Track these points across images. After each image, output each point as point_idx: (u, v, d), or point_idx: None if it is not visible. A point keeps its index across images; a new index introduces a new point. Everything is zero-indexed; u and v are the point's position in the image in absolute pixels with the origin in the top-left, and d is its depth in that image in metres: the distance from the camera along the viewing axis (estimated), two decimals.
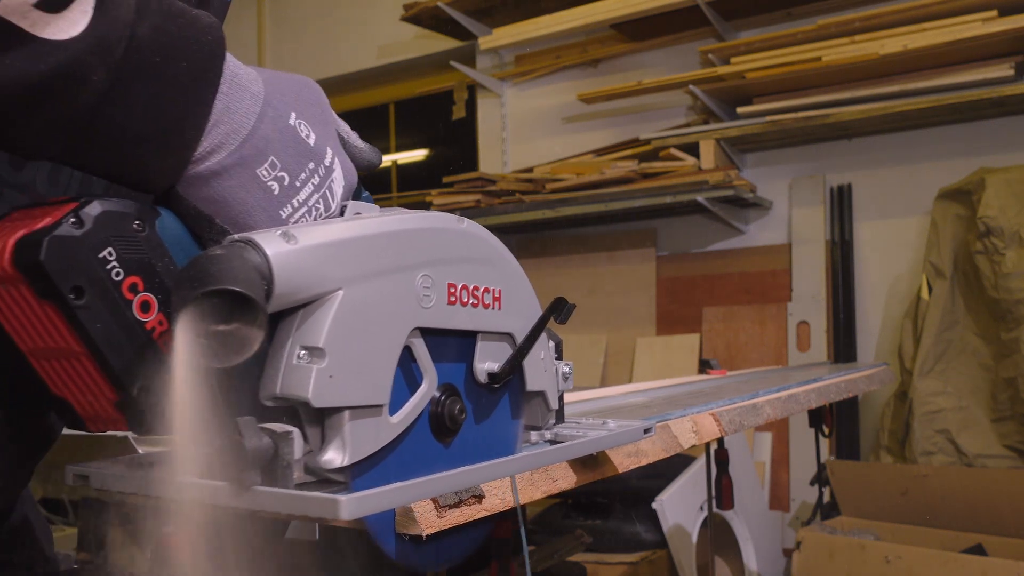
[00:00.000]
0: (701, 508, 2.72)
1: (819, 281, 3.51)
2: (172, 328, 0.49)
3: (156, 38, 0.50)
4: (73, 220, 0.49)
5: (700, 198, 3.33)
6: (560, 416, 0.77)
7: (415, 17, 4.19)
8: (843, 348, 3.43)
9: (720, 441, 1.86)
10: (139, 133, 0.51)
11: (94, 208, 0.50)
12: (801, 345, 3.51)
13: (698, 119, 3.68)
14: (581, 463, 0.81)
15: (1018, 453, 2.90)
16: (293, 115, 0.59)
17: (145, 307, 0.52)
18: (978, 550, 2.50)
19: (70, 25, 0.47)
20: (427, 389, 0.62)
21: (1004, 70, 2.92)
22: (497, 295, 0.67)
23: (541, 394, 0.74)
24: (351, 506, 0.51)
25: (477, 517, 0.67)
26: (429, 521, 0.61)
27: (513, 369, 0.68)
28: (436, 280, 0.61)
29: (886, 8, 3.15)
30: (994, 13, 2.91)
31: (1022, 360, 2.83)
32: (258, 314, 0.48)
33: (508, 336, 0.69)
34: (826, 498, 2.94)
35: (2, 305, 0.52)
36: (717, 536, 2.80)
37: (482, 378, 0.67)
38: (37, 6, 0.46)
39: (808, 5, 3.47)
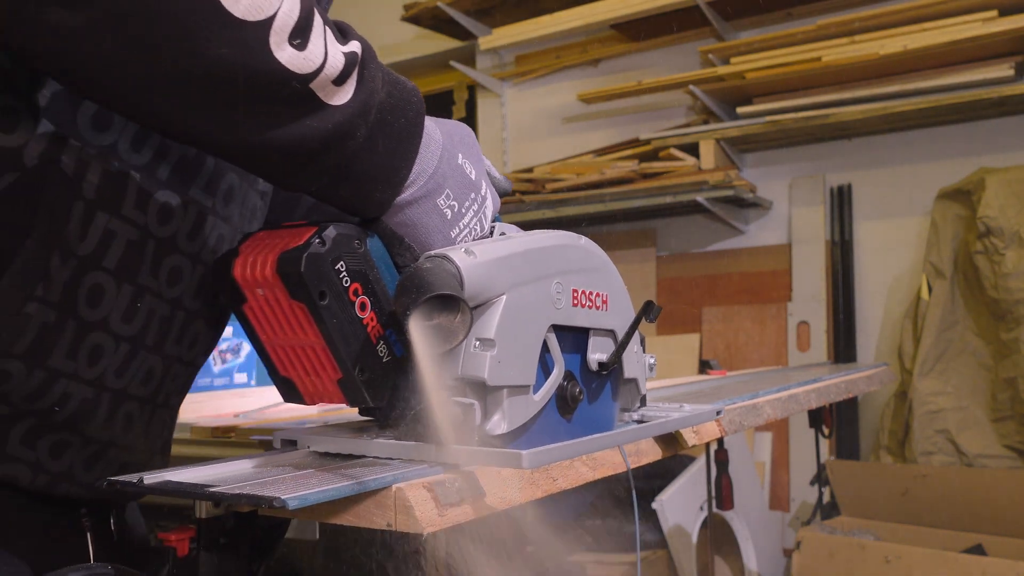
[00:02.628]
0: (701, 508, 2.72)
1: (819, 281, 3.51)
2: (403, 324, 0.63)
3: (390, 101, 0.65)
4: (318, 240, 0.64)
5: (700, 198, 3.33)
6: (644, 400, 0.91)
7: (415, 17, 4.19)
8: (843, 348, 3.43)
9: (720, 441, 1.86)
10: (375, 174, 0.65)
11: (331, 231, 0.64)
12: (801, 345, 3.51)
13: (698, 119, 3.68)
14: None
15: (1018, 453, 2.90)
16: (460, 155, 0.72)
17: (363, 307, 0.66)
18: (978, 550, 2.50)
19: (344, 94, 0.61)
20: (557, 374, 0.75)
21: (1004, 70, 2.92)
22: (605, 298, 0.81)
23: (634, 381, 0.87)
24: (531, 458, 0.64)
25: (477, 516, 0.67)
26: (430, 520, 0.61)
27: (617, 359, 0.81)
28: (564, 286, 0.75)
29: (886, 8, 3.15)
30: (994, 13, 2.91)
31: (1022, 360, 2.83)
32: (466, 310, 0.64)
33: (611, 332, 0.82)
34: (826, 498, 2.94)
35: (256, 305, 0.66)
36: (717, 536, 2.80)
37: (593, 366, 0.81)
38: (334, 81, 0.59)
39: (808, 5, 3.46)
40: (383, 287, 0.68)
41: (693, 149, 3.46)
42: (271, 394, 1.79)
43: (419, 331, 0.63)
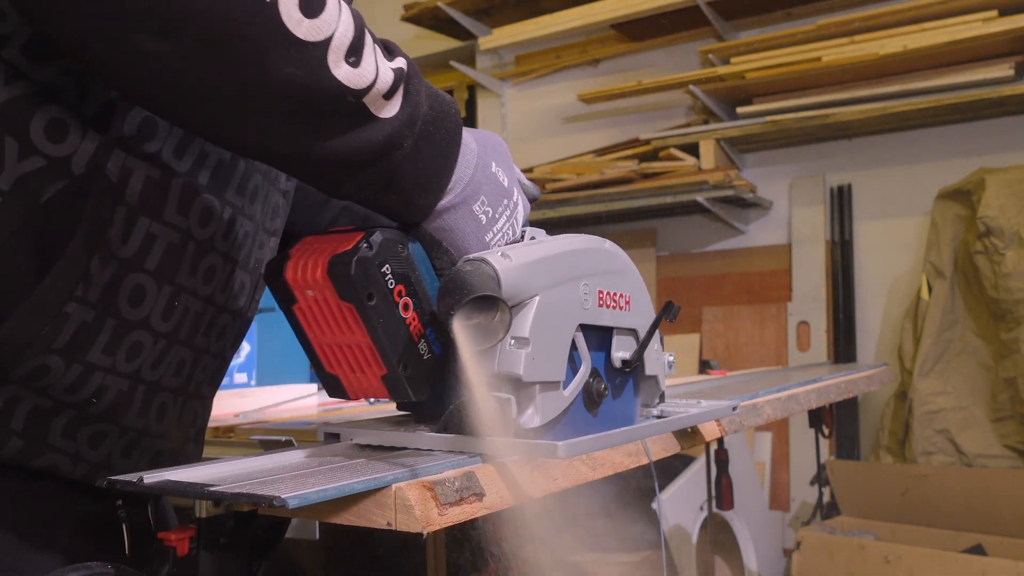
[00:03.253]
0: (701, 508, 2.72)
1: (819, 281, 3.51)
2: (446, 324, 0.67)
3: (431, 113, 0.68)
4: (366, 244, 0.67)
5: (700, 198, 3.33)
6: (663, 397, 0.95)
7: (415, 17, 4.19)
8: (843, 348, 3.43)
9: (720, 441, 1.86)
10: (419, 181, 0.68)
11: (377, 237, 0.68)
12: (801, 345, 3.52)
13: (698, 119, 3.68)
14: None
15: (1018, 453, 2.90)
16: (493, 164, 0.77)
17: (406, 307, 0.70)
18: (978, 550, 2.51)
19: (392, 107, 0.64)
20: (584, 371, 0.79)
21: (1004, 70, 2.92)
22: (627, 299, 0.84)
23: (654, 378, 0.91)
24: (566, 449, 0.68)
25: (478, 515, 0.67)
26: (429, 519, 0.61)
27: (639, 357, 0.85)
28: (591, 288, 0.79)
29: (886, 8, 3.15)
30: (994, 13, 2.91)
31: (1022, 360, 2.84)
32: (505, 310, 0.67)
33: (633, 331, 0.86)
34: (826, 498, 2.94)
35: (306, 305, 0.70)
36: (717, 536, 2.80)
37: (617, 364, 0.84)
38: (384, 96, 0.63)
39: (808, 5, 3.46)
40: (424, 289, 0.72)
41: (693, 149, 3.46)
42: (271, 394, 1.79)
43: (461, 330, 0.67)
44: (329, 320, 0.69)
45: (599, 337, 0.82)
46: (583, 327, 0.78)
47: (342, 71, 0.60)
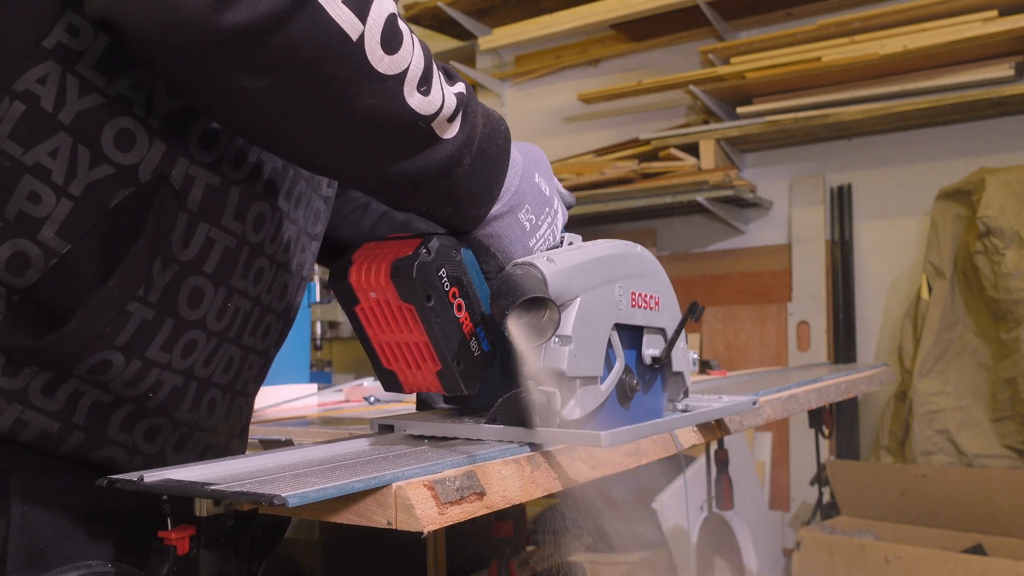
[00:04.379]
0: (701, 508, 2.72)
1: (819, 281, 3.51)
2: (500, 323, 0.72)
3: (485, 131, 0.75)
4: (425, 250, 0.72)
5: (700, 198, 3.33)
6: (686, 392, 1.00)
7: (415, 17, 4.19)
8: (843, 348, 3.43)
9: (720, 441, 1.86)
10: (474, 194, 0.75)
11: (435, 243, 0.73)
12: (801, 345, 3.51)
13: (698, 119, 3.68)
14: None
15: (1018, 453, 2.90)
16: (536, 174, 0.83)
17: (459, 308, 0.76)
18: (978, 550, 2.51)
19: (454, 129, 0.71)
20: (619, 367, 0.84)
21: (1004, 70, 2.92)
22: (657, 300, 0.90)
23: (680, 374, 0.96)
24: (609, 438, 0.74)
25: (478, 515, 0.67)
26: (430, 518, 0.61)
27: (668, 354, 0.91)
28: (625, 290, 0.84)
29: (886, 8, 3.15)
30: (994, 13, 2.91)
31: (1022, 360, 2.83)
32: (554, 310, 0.73)
33: (662, 330, 0.92)
34: (826, 498, 2.94)
35: (367, 306, 0.75)
36: (717, 536, 2.79)
37: (647, 361, 0.90)
38: (448, 120, 0.69)
39: (808, 5, 3.46)
40: (474, 291, 0.78)
41: (693, 149, 3.46)
42: (271, 394, 1.79)
43: (514, 329, 0.72)
44: (389, 320, 0.75)
45: (631, 335, 0.87)
46: (618, 326, 0.84)
47: (415, 100, 0.66)
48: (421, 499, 0.62)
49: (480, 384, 0.78)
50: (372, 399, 1.76)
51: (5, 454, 0.70)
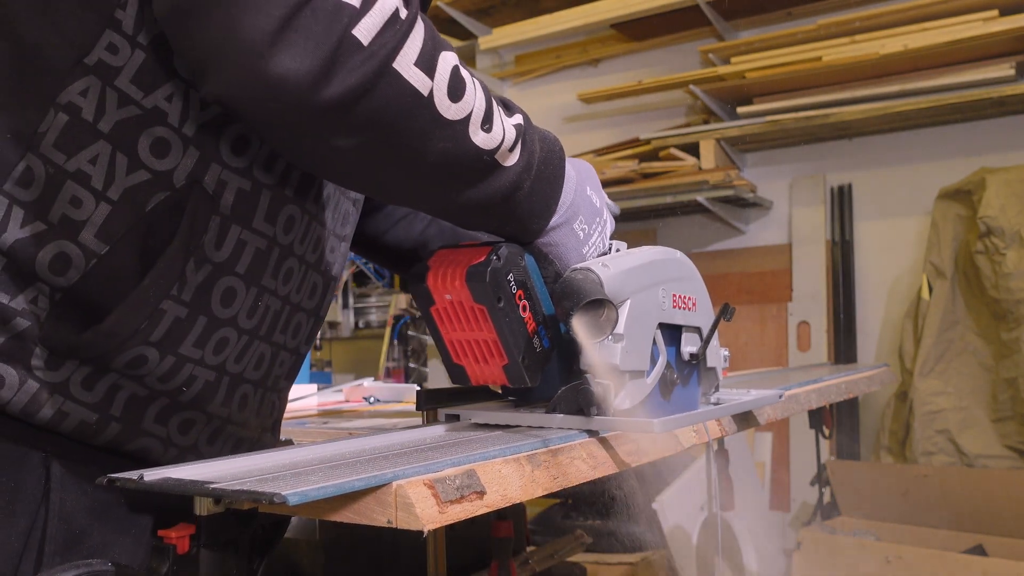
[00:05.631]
0: (701, 508, 2.72)
1: (819, 281, 3.50)
2: (565, 323, 0.81)
3: (543, 154, 0.83)
4: (495, 257, 0.81)
5: (700, 198, 3.33)
6: (718, 387, 1.08)
7: None
8: (843, 348, 3.43)
9: (720, 441, 1.86)
10: (534, 211, 0.84)
11: (504, 250, 0.82)
12: (801, 345, 3.51)
13: (698, 119, 3.68)
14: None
15: (1018, 453, 2.90)
16: (588, 188, 0.91)
17: (524, 308, 0.84)
18: (978, 550, 2.50)
19: (514, 156, 0.79)
20: (661, 363, 0.92)
21: (1004, 70, 2.91)
22: (694, 301, 0.98)
23: (714, 369, 1.04)
24: (662, 425, 0.83)
25: (478, 514, 0.67)
26: (430, 517, 0.61)
27: (704, 351, 0.98)
28: (667, 292, 0.92)
29: (886, 8, 3.15)
30: (994, 13, 2.91)
31: (1023, 360, 2.83)
32: (612, 310, 0.82)
33: (697, 329, 1.00)
34: (826, 498, 2.94)
35: (442, 307, 0.84)
36: (717, 536, 2.79)
37: (685, 357, 0.98)
38: (509, 150, 0.77)
39: (808, 5, 3.46)
40: (536, 293, 0.86)
41: (693, 149, 3.46)
42: None
43: (578, 327, 0.81)
44: (462, 319, 0.84)
45: (672, 334, 0.95)
46: (661, 325, 0.91)
47: (479, 137, 0.74)
48: (421, 498, 0.62)
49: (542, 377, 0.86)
50: (371, 399, 1.76)
51: (46, 443, 0.73)
